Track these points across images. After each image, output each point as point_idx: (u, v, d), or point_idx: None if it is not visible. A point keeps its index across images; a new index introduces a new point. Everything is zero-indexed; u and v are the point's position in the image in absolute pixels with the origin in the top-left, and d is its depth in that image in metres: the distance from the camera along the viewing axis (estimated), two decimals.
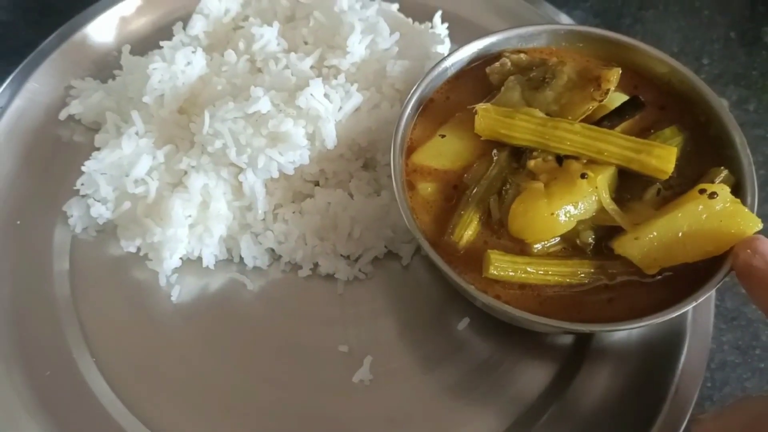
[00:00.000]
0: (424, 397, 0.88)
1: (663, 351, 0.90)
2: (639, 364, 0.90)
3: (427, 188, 0.87)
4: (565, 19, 1.17)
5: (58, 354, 0.88)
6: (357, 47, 0.95)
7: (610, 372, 0.90)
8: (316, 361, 0.90)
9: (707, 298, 0.89)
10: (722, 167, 0.84)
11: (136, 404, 0.86)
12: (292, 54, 0.96)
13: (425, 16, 1.12)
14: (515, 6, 1.19)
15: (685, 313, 0.91)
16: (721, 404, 0.92)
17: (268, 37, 0.97)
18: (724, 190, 0.78)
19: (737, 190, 0.82)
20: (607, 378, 0.89)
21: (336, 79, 0.94)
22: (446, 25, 1.13)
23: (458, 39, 1.11)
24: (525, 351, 0.92)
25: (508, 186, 0.84)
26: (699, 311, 0.91)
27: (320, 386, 0.88)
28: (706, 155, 0.87)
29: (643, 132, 0.88)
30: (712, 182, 0.81)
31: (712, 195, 0.77)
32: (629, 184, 0.83)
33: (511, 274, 0.79)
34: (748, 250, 0.73)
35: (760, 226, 0.77)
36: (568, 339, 0.93)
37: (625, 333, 0.92)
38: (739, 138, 0.86)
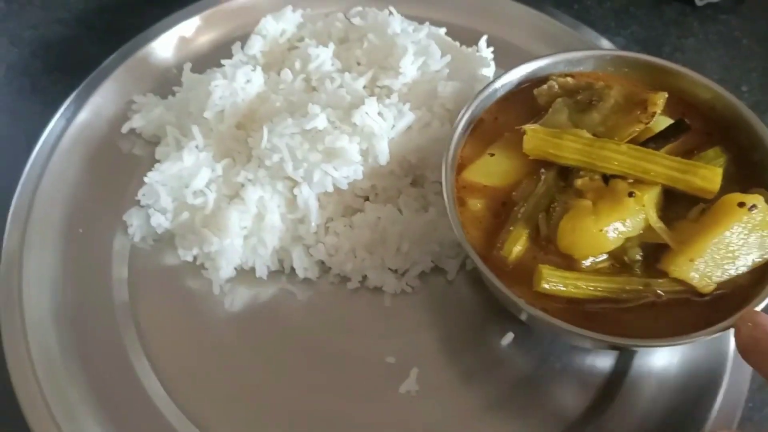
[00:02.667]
0: (465, 411, 0.90)
1: (705, 371, 0.91)
2: (680, 386, 0.91)
3: (476, 204, 0.89)
4: (606, 44, 1.20)
5: (116, 356, 0.91)
6: (409, 68, 0.99)
7: (650, 393, 0.91)
8: (363, 371, 0.92)
9: None
10: (762, 189, 0.86)
11: (187, 405, 0.88)
12: (347, 74, 1.00)
13: (471, 40, 1.16)
14: (558, 31, 1.22)
15: (727, 334, 0.92)
16: (763, 425, 0.93)
17: (324, 57, 1.01)
18: (760, 201, 0.80)
19: None
20: (647, 399, 0.90)
21: (389, 98, 0.98)
22: (491, 48, 1.16)
23: (502, 62, 1.14)
24: (565, 369, 0.93)
25: (555, 204, 0.86)
26: None
27: (366, 395, 0.90)
28: (748, 178, 0.89)
29: (687, 154, 0.90)
30: None
31: (753, 208, 0.79)
32: (673, 204, 0.85)
33: (561, 288, 0.81)
34: (749, 324, 0.72)
35: None
36: (608, 359, 0.94)
37: (667, 355, 0.93)
38: None
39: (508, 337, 0.94)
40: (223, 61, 1.03)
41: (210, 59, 1.11)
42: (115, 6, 1.29)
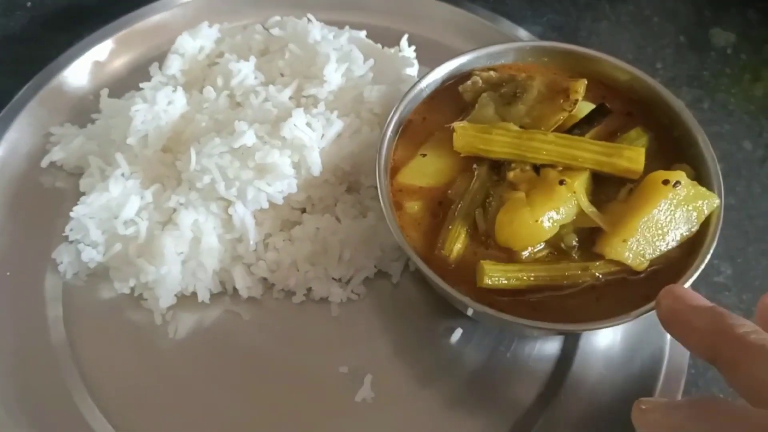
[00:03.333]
0: (423, 412, 0.90)
1: (647, 344, 0.94)
2: (625, 361, 0.94)
3: (413, 206, 0.90)
4: (524, 34, 1.22)
5: (60, 398, 0.88)
6: (333, 76, 0.98)
7: (597, 371, 0.93)
8: (317, 383, 0.91)
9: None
10: (684, 164, 0.90)
11: None
12: (271, 86, 0.99)
13: (392, 41, 1.16)
14: (477, 25, 1.23)
15: None
16: (707, 390, 0.96)
17: (246, 71, 1.00)
18: (683, 178, 0.83)
19: (699, 183, 0.87)
20: (595, 377, 0.93)
21: (316, 107, 0.97)
22: (413, 47, 1.17)
23: (426, 60, 1.15)
24: (515, 358, 0.95)
25: (491, 198, 0.88)
26: None
27: (323, 408, 0.90)
28: (670, 154, 0.92)
29: (611, 136, 0.93)
30: None
31: (677, 184, 0.82)
32: (601, 187, 0.88)
33: (504, 282, 0.82)
34: (669, 297, 0.74)
35: (718, 201, 0.85)
36: (555, 344, 0.96)
37: (611, 333, 0.96)
38: (701, 137, 0.91)
39: (457, 333, 0.95)
40: (141, 84, 1.00)
41: (127, 82, 1.09)
42: (21, 36, 1.24)
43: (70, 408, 0.87)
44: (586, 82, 0.92)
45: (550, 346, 0.96)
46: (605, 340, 0.95)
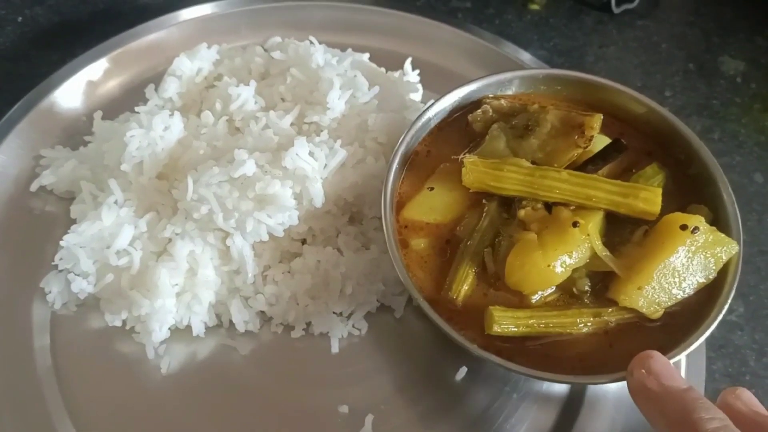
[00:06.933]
0: None
1: None
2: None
3: (420, 244, 0.86)
4: (528, 58, 1.19)
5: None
6: (337, 103, 0.94)
7: (608, 414, 0.90)
8: (315, 423, 0.88)
9: None
10: (701, 205, 0.87)
11: None
12: (271, 112, 0.95)
13: (395, 64, 1.13)
14: (482, 49, 1.20)
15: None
16: None
17: (246, 95, 0.96)
18: (702, 223, 0.80)
19: (717, 226, 0.83)
20: (606, 420, 0.90)
21: (318, 136, 0.93)
22: (417, 71, 1.14)
23: (429, 84, 1.12)
24: (522, 398, 0.91)
25: (500, 237, 0.84)
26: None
27: None
28: (686, 193, 0.89)
29: (625, 172, 0.90)
30: None
31: (695, 230, 0.79)
32: (615, 227, 0.84)
33: (513, 329, 0.79)
34: (642, 370, 0.71)
35: (737, 248, 0.81)
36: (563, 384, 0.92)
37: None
38: (720, 177, 0.87)
39: (462, 372, 0.91)
40: (137, 108, 0.96)
41: (122, 104, 1.05)
42: (10, 53, 1.20)
43: None
44: (601, 117, 0.89)
45: (559, 386, 0.92)
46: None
